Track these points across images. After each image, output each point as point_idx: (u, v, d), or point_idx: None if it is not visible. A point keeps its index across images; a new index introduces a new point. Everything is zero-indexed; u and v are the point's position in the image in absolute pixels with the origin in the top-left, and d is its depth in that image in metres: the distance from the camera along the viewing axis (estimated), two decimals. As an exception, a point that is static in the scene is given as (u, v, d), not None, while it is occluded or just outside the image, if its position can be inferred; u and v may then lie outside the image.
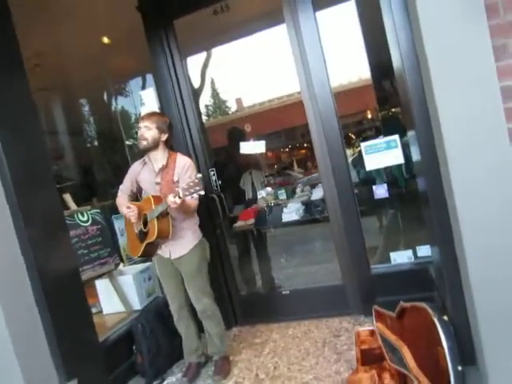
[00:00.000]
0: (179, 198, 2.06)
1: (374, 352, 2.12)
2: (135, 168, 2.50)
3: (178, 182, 2.35)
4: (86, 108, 4.68)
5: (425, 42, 1.43)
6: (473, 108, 1.40)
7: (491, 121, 1.39)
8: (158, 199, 2.26)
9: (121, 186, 2.55)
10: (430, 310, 1.68)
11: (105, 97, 4.48)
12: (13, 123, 2.15)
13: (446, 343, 1.54)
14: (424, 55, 1.46)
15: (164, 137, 2.39)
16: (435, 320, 1.61)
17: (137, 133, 2.47)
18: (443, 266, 1.76)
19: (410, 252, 2.74)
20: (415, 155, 2.19)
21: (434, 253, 2.21)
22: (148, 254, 2.47)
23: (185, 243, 2.39)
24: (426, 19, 1.43)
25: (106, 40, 3.64)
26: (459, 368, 1.51)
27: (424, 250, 2.68)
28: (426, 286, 2.41)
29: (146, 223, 2.32)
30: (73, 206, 2.94)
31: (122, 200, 2.50)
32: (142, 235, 2.36)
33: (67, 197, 2.92)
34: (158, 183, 2.38)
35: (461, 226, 1.43)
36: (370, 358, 2.09)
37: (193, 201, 2.23)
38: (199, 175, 2.07)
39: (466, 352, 1.58)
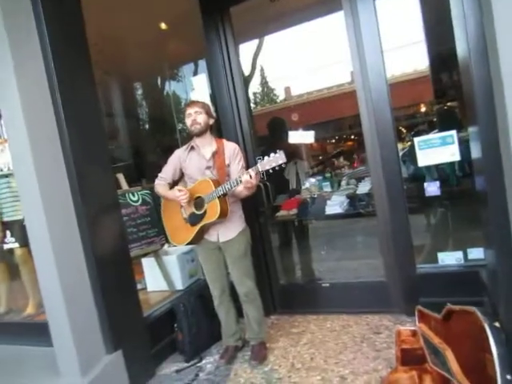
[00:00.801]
0: (256, 173, 2.16)
1: (415, 353, 2.06)
2: (180, 155, 2.52)
3: (228, 166, 2.42)
4: (140, 91, 4.84)
5: (497, 30, 1.34)
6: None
7: None
8: (216, 182, 2.33)
9: (160, 174, 2.55)
10: (481, 315, 1.60)
11: (158, 81, 4.62)
12: (76, 105, 2.28)
13: (495, 350, 1.46)
14: (495, 45, 1.37)
15: (211, 121, 2.47)
16: (485, 325, 1.53)
17: (184, 117, 2.53)
18: (499, 269, 1.67)
19: (459, 253, 2.62)
20: (475, 152, 2.07)
21: (488, 255, 2.10)
22: (196, 240, 2.47)
23: (233, 226, 2.44)
24: (500, 5, 1.33)
25: (163, 25, 3.72)
26: (508, 377, 1.43)
27: (475, 253, 2.56)
28: (475, 290, 2.30)
29: (198, 206, 2.37)
30: (125, 185, 3.08)
31: (164, 188, 2.50)
32: (196, 218, 2.39)
33: (120, 177, 3.06)
34: (208, 167, 2.42)
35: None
36: (410, 359, 2.03)
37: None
38: (280, 151, 2.15)
39: (518, 362, 1.49)
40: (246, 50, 4.89)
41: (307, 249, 3.77)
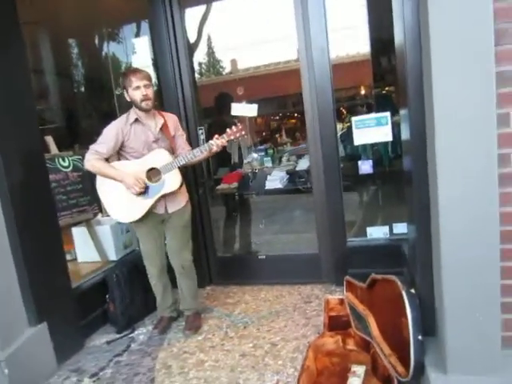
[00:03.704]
0: (224, 140, 2.27)
1: (342, 319, 2.20)
2: (122, 127, 2.28)
3: (173, 137, 2.41)
4: (76, 50, 4.46)
5: (430, 18, 1.40)
6: (468, 92, 1.40)
7: (484, 107, 1.39)
8: (172, 152, 2.34)
9: (96, 148, 2.26)
10: (399, 283, 1.74)
11: (96, 40, 4.28)
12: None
13: (410, 313, 1.61)
14: (427, 32, 1.43)
15: None
16: (403, 292, 1.67)
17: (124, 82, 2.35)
18: (417, 243, 1.81)
19: (386, 228, 2.82)
20: (404, 134, 2.20)
21: (409, 230, 2.27)
22: (147, 214, 2.34)
23: (181, 196, 2.44)
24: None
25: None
26: (419, 337, 1.59)
27: (400, 228, 2.76)
28: (398, 261, 2.49)
29: (153, 178, 2.29)
30: (54, 149, 2.87)
31: (104, 165, 2.26)
32: (153, 190, 2.28)
33: (49, 139, 2.83)
34: (155, 141, 2.33)
35: (439, 207, 1.46)
36: (336, 325, 2.17)
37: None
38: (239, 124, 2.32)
39: (429, 324, 1.65)
40: (193, 15, 4.67)
41: (246, 222, 3.82)
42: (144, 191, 2.28)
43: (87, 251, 3.03)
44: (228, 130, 2.30)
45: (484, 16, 1.35)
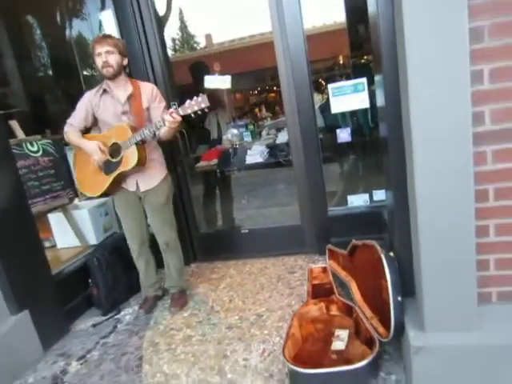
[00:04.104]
0: (178, 115, 2.04)
1: (325, 287, 2.24)
2: (91, 99, 2.29)
3: (147, 109, 2.29)
4: (38, 31, 4.24)
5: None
6: (442, 52, 1.37)
7: (458, 65, 1.37)
8: (133, 128, 2.18)
9: (69, 120, 2.32)
10: (378, 247, 1.75)
11: (58, 17, 4.06)
12: None
13: (389, 276, 1.63)
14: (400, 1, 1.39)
15: (125, 61, 2.27)
16: (382, 256, 1.68)
17: (93, 61, 2.27)
18: (395, 208, 1.82)
19: (366, 196, 2.83)
20: (379, 100, 2.17)
21: (387, 197, 2.29)
22: (112, 190, 2.35)
23: (154, 174, 2.35)
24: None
25: None
26: (399, 299, 1.61)
27: (380, 195, 2.78)
28: (379, 227, 2.51)
29: (114, 153, 2.23)
30: (20, 134, 2.75)
31: (75, 135, 2.30)
32: (111, 167, 2.25)
33: (14, 124, 2.71)
34: (124, 112, 2.26)
35: (415, 172, 1.46)
36: (320, 292, 2.20)
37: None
38: (203, 94, 2.03)
39: (407, 285, 1.68)
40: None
41: (228, 198, 3.80)
42: (107, 166, 2.26)
43: (66, 237, 2.97)
44: (187, 102, 2.06)
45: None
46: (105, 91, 2.27)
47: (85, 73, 4.10)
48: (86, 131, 2.38)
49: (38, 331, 2.23)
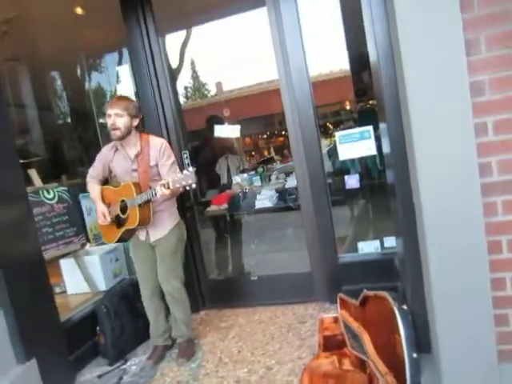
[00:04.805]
0: (168, 188, 2.08)
1: (337, 338, 2.17)
2: (106, 154, 2.41)
3: (156, 166, 2.33)
4: (58, 82, 4.49)
5: (399, 35, 1.43)
6: (442, 104, 1.41)
7: (459, 118, 1.41)
8: (138, 187, 2.25)
9: (90, 171, 2.45)
10: (391, 299, 1.72)
11: (78, 71, 4.31)
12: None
13: (403, 331, 1.58)
14: (398, 49, 1.46)
15: (135, 122, 2.32)
16: (395, 309, 1.65)
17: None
18: (406, 256, 1.80)
19: (377, 242, 2.79)
20: (385, 147, 2.21)
21: (398, 244, 2.26)
22: (125, 239, 2.46)
23: (163, 225, 2.38)
24: (402, 12, 1.42)
25: (79, 10, 3.47)
26: (414, 355, 1.56)
27: (390, 241, 2.74)
28: (391, 276, 2.46)
29: (123, 209, 2.31)
30: (38, 182, 2.84)
31: (95, 188, 2.42)
32: (120, 221, 2.34)
33: (32, 172, 2.81)
34: (134, 170, 2.33)
35: (424, 219, 1.46)
36: (331, 344, 2.13)
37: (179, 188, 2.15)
38: (192, 169, 2.07)
39: (423, 341, 1.63)
40: (174, 40, 4.74)
41: (237, 243, 3.79)
42: (118, 221, 2.36)
43: (76, 283, 2.97)
44: (177, 175, 2.08)
45: (453, 27, 1.38)
46: (117, 149, 2.37)
47: (101, 120, 4.28)
48: (105, 181, 2.50)
49: (43, 381, 2.16)
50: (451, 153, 1.42)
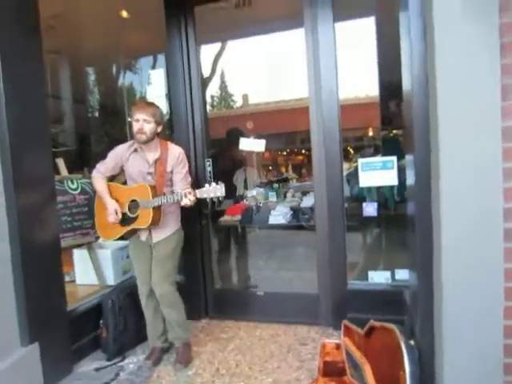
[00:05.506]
0: (195, 197, 2.18)
1: (337, 365, 2.14)
2: (122, 152, 2.43)
3: (170, 172, 2.40)
4: (93, 77, 4.63)
5: (437, 71, 1.45)
6: (474, 145, 1.43)
7: (490, 160, 1.42)
8: (155, 190, 2.30)
9: (98, 166, 2.44)
10: (398, 333, 1.70)
11: (113, 70, 4.45)
12: (20, 81, 2.13)
13: (408, 367, 1.56)
14: (434, 84, 1.48)
15: (159, 128, 2.39)
16: (402, 343, 1.63)
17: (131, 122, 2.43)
18: (419, 291, 1.78)
19: (388, 273, 2.77)
20: (409, 179, 2.22)
21: (411, 277, 2.24)
22: (126, 236, 2.47)
23: (166, 228, 2.42)
24: (442, 50, 1.45)
25: (124, 14, 3.60)
26: (417, 393, 1.53)
27: (402, 274, 2.71)
28: (399, 309, 2.43)
29: (131, 208, 2.35)
30: (64, 171, 2.92)
31: (103, 183, 2.42)
32: (128, 220, 2.37)
33: (60, 162, 2.89)
34: (150, 173, 2.38)
35: (442, 254, 1.45)
36: (331, 370, 2.11)
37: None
38: (221, 183, 2.17)
39: (428, 379, 1.60)
40: (208, 51, 4.87)
41: (247, 255, 3.79)
42: (123, 218, 2.38)
43: (86, 274, 3.01)
44: (205, 186, 2.21)
45: (491, 71, 1.40)
46: (136, 150, 2.40)
47: (129, 119, 4.38)
48: (112, 178, 2.52)
49: (43, 367, 2.19)
50: (477, 193, 1.42)
